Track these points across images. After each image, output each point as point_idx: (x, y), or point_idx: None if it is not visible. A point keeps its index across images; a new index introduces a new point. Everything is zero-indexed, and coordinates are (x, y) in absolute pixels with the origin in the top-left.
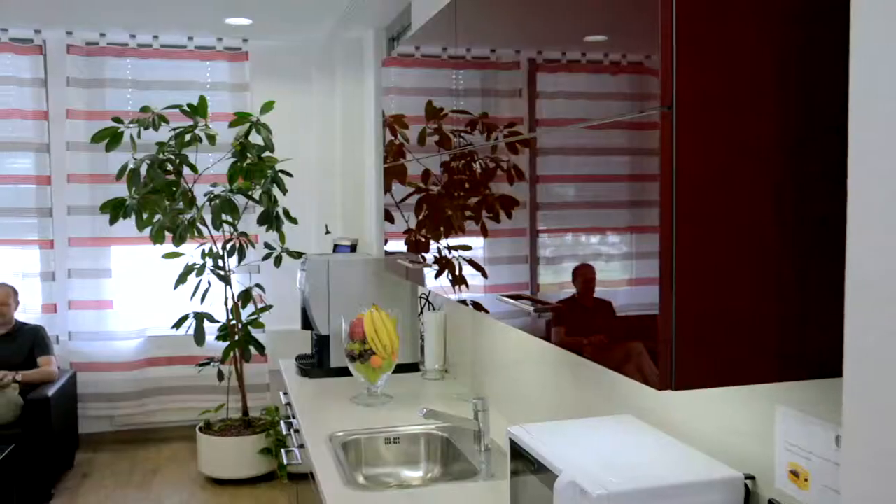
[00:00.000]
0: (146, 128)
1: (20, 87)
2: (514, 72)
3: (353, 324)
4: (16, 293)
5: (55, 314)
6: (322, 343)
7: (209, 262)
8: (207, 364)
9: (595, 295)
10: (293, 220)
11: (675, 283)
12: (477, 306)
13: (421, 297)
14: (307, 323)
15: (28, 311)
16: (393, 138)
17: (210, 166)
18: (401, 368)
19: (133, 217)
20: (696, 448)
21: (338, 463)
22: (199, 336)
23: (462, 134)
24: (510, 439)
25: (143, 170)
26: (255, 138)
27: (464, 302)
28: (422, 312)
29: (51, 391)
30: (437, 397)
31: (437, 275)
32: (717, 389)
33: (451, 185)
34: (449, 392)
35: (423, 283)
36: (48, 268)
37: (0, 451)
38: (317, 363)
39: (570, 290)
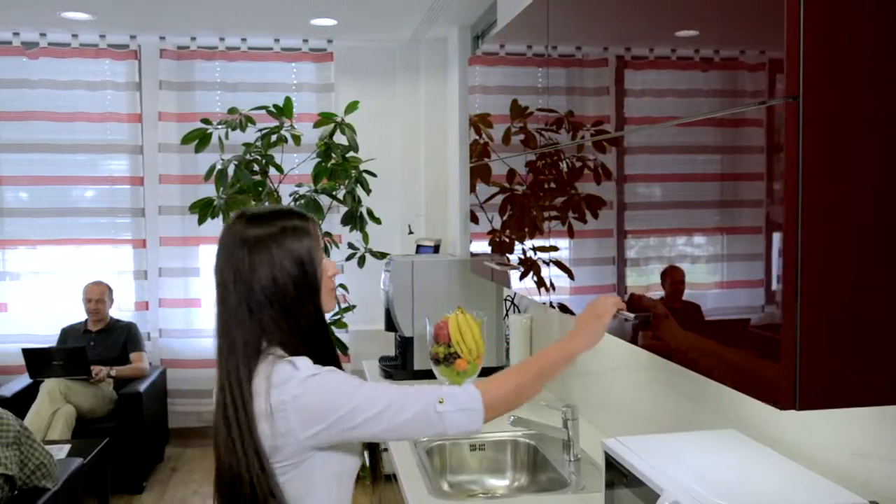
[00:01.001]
0: (233, 129)
1: (116, 91)
2: (601, 69)
3: (437, 326)
4: (111, 291)
5: (147, 311)
6: (405, 345)
7: None
8: None
9: (684, 298)
10: (377, 221)
11: (801, 289)
12: (564, 309)
13: (506, 300)
14: (391, 324)
15: (122, 309)
16: (477, 138)
17: (295, 167)
18: (485, 372)
19: (220, 217)
20: (812, 469)
21: (422, 468)
22: None
23: (547, 133)
24: (605, 452)
25: (231, 170)
26: (340, 138)
27: (550, 304)
28: (507, 315)
29: (142, 387)
30: (525, 404)
31: (522, 276)
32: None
33: (536, 184)
34: (534, 397)
35: (508, 285)
36: (140, 266)
37: (96, 443)
38: (400, 365)
39: (659, 293)
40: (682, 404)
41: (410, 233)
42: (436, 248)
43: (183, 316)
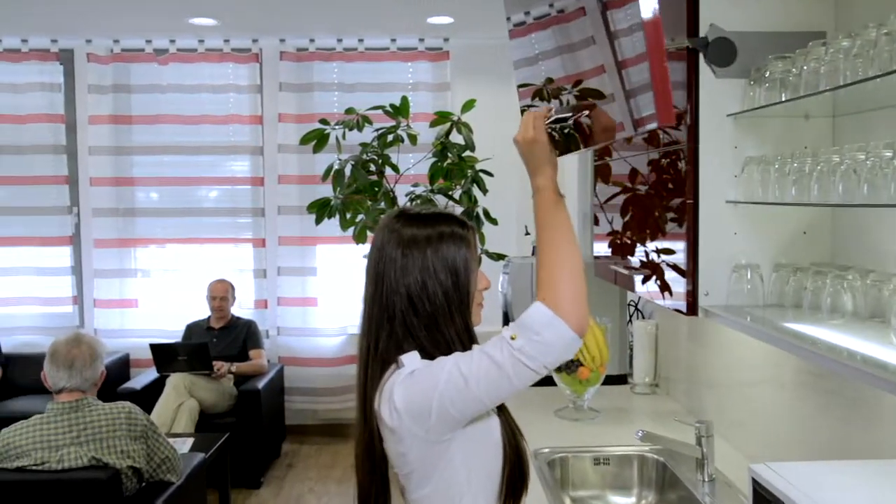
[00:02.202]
0: (350, 129)
1: (238, 94)
2: None
3: None
4: (233, 289)
5: (266, 310)
6: None
7: None
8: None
9: None
10: (493, 221)
11: None
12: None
13: (630, 304)
14: None
15: (242, 307)
16: None
17: (411, 167)
18: (607, 380)
19: (337, 217)
20: None
21: (543, 482)
22: None
23: (669, 130)
24: (753, 479)
25: (348, 170)
26: (456, 138)
27: (679, 310)
28: (630, 321)
29: (261, 383)
30: (648, 415)
31: (644, 280)
32: None
33: (658, 184)
34: (660, 409)
35: (633, 289)
36: (260, 265)
37: (217, 438)
38: None
39: None
40: (841, 427)
41: (527, 234)
42: None
43: (300, 315)
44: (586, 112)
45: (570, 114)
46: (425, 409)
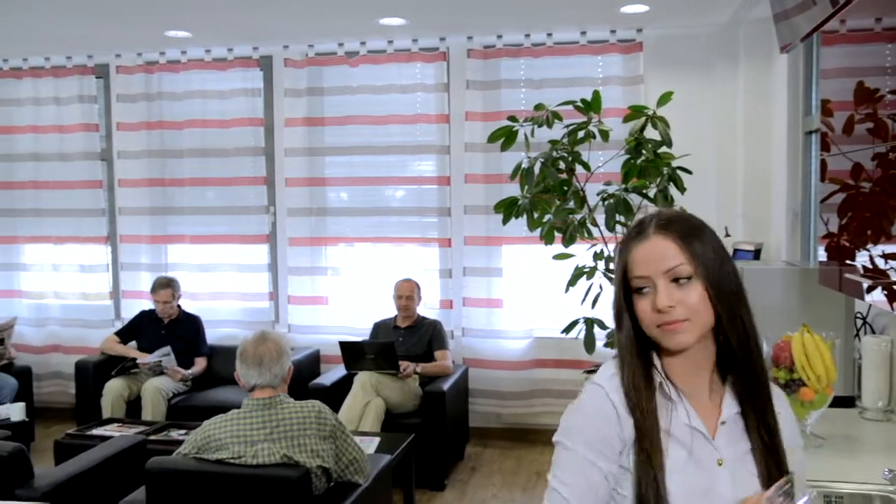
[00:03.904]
0: (539, 125)
1: (426, 93)
2: None
3: (777, 347)
4: (419, 288)
5: (451, 310)
6: None
7: (601, 264)
8: (595, 371)
9: None
10: None
11: None
12: None
13: (857, 317)
14: None
15: (428, 306)
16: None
17: (602, 164)
18: (831, 402)
19: (524, 217)
20: None
21: None
22: (590, 343)
23: None
24: None
25: (537, 168)
26: (651, 134)
27: None
28: (858, 335)
29: (446, 385)
30: (882, 446)
31: (870, 290)
32: None
33: (887, 180)
34: None
35: (862, 297)
36: (446, 265)
37: (402, 438)
38: None
39: None
40: None
41: (727, 235)
42: (756, 254)
43: (485, 316)
44: None
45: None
46: None
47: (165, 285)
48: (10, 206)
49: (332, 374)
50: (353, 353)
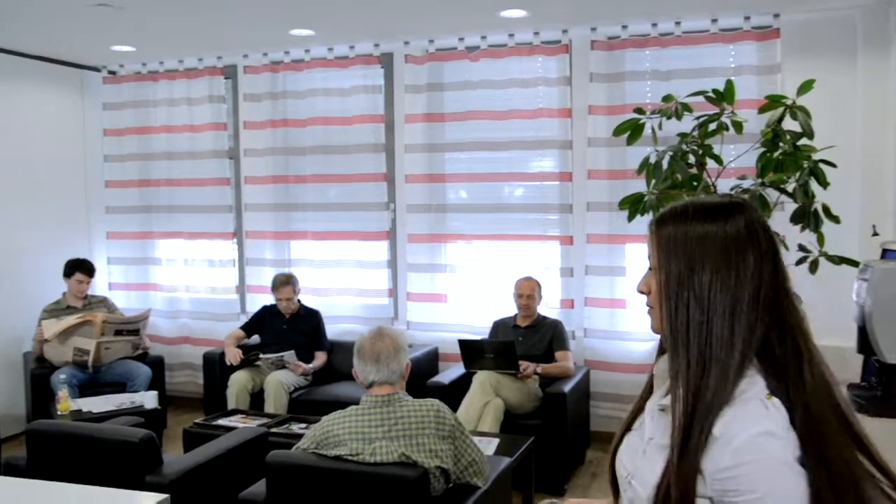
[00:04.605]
0: (668, 118)
1: (547, 87)
2: None
3: None
4: (540, 287)
5: (572, 310)
6: (888, 373)
7: None
8: None
9: None
10: (835, 219)
11: None
12: None
13: None
14: (866, 345)
15: (548, 306)
16: None
17: (734, 158)
18: None
19: (650, 213)
20: None
21: None
22: None
23: None
24: None
25: (665, 163)
26: (789, 125)
27: None
28: None
29: (567, 387)
30: None
31: None
32: None
33: None
34: None
35: None
36: (567, 263)
37: (522, 441)
38: (881, 397)
39: None
40: None
41: (875, 234)
42: None
43: (608, 316)
44: None
45: None
46: None
47: (285, 283)
48: (147, 203)
49: (450, 372)
50: (472, 352)
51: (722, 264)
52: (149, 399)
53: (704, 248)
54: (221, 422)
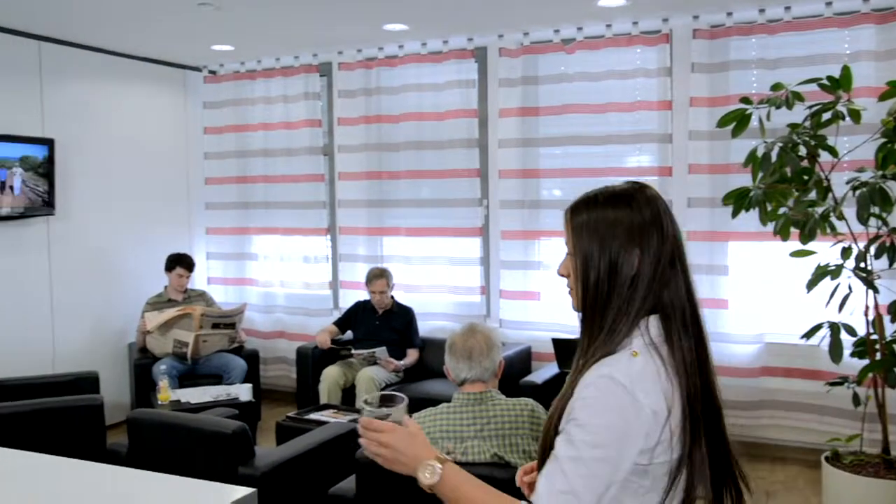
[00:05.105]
0: (777, 107)
1: (647, 79)
2: None
3: None
4: None
5: None
6: None
7: (849, 263)
8: (840, 384)
9: None
10: None
11: None
12: None
13: None
14: None
15: None
16: None
17: (851, 150)
18: None
19: (756, 209)
20: None
21: None
22: (836, 350)
23: None
24: None
25: (774, 155)
26: None
27: None
28: None
29: None
30: None
31: None
32: None
33: None
34: None
35: None
36: None
37: None
38: None
39: None
40: None
41: None
42: None
43: (709, 317)
44: None
45: None
46: None
47: (379, 275)
48: (244, 199)
49: (543, 371)
50: (566, 351)
51: (629, 245)
52: (244, 392)
53: (614, 232)
54: (313, 416)
